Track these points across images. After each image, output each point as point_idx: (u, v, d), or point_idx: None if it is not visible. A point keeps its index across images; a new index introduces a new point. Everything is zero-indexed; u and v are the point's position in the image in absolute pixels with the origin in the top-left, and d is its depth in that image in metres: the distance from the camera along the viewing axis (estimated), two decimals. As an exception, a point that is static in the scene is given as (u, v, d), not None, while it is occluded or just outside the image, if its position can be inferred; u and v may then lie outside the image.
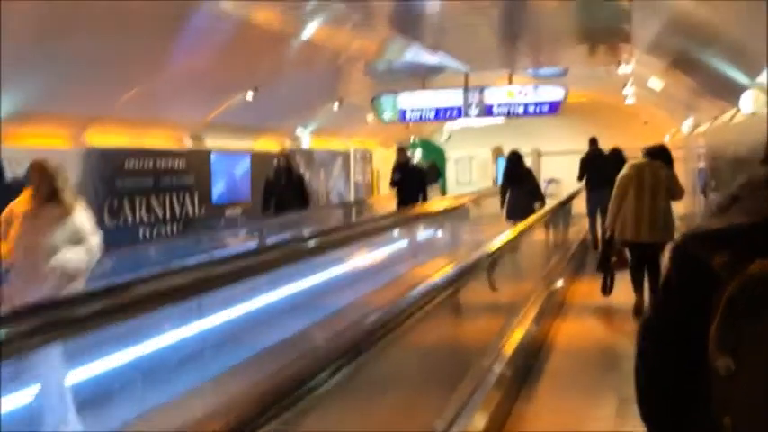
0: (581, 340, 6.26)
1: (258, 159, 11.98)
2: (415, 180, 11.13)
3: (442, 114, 12.12)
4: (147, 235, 9.15)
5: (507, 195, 10.10)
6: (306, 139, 13.39)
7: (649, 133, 16.73)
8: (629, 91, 11.52)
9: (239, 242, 9.82)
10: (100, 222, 8.51)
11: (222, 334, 5.51)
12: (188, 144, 10.26)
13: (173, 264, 5.99)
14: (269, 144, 12.58)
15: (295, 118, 12.67)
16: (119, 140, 8.92)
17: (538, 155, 22.13)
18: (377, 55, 11.04)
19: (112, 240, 8.45)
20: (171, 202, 9.76)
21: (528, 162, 11.35)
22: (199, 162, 10.44)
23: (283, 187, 9.44)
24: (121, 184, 8.91)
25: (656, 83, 9.09)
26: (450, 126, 23.21)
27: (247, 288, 5.69)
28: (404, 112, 12.29)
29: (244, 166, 11.66)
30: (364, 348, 2.27)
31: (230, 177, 11.35)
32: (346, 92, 12.61)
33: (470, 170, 26.02)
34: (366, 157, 16.67)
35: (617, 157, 10.14)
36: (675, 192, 6.76)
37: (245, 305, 6.31)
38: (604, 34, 8.08)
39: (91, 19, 6.58)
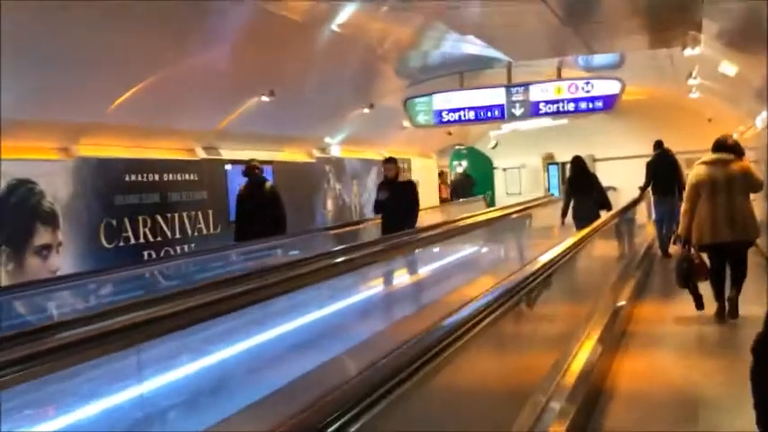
0: (649, 383, 5.02)
1: (282, 170, 11.03)
2: (404, 200, 8.44)
3: (483, 115, 10.95)
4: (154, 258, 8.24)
5: (571, 203, 9.86)
6: (335, 148, 12.39)
7: (714, 132, 15.13)
8: (694, 82, 10.13)
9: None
10: (95, 244, 7.83)
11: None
12: (201, 154, 9.36)
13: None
14: (294, 155, 11.63)
15: (322, 125, 11.70)
16: (115, 152, 8.05)
17: (592, 161, 20.63)
18: (411, 46, 9.97)
19: (111, 264, 7.62)
20: (181, 221, 8.84)
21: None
22: (213, 174, 9.52)
23: (253, 208, 7.78)
24: (121, 201, 8.03)
25: (728, 67, 7.75)
26: (496, 132, 22.05)
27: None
28: (440, 114, 11.17)
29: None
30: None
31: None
32: (378, 94, 11.57)
33: (520, 179, 24.73)
34: (404, 168, 15.56)
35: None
36: (753, 184, 6.33)
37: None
38: (671, 21, 6.85)
39: (81, 8, 5.68)
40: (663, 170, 10.42)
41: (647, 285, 8.69)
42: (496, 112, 10.86)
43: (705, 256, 6.56)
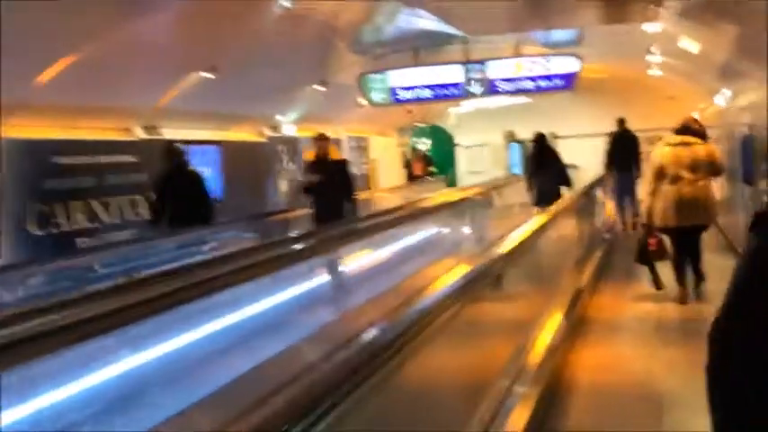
0: (611, 375, 4.78)
1: (231, 151, 10.55)
2: (339, 183, 7.50)
3: (440, 93, 10.58)
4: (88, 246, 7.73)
5: (534, 181, 9.92)
6: (288, 127, 11.92)
7: (675, 110, 15.06)
8: (654, 59, 9.90)
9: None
10: (22, 232, 7.32)
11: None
12: (139, 134, 8.82)
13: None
14: (244, 134, 11.14)
15: (273, 103, 11.21)
16: (45, 133, 7.50)
17: (554, 138, 20.45)
18: (365, 21, 9.55)
19: (41, 253, 7.12)
20: (119, 206, 8.33)
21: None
22: (153, 156, 8.98)
23: (178, 193, 6.70)
24: (53, 185, 7.50)
25: (689, 43, 7.49)
26: (456, 110, 21.72)
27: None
28: (395, 92, 10.77)
29: (212, 159, 10.20)
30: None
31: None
32: (331, 71, 11.11)
33: (482, 158, 24.52)
34: (362, 146, 15.16)
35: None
36: (716, 168, 6.38)
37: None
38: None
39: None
40: (624, 146, 10.78)
41: (608, 264, 8.50)
42: (454, 90, 10.51)
43: (666, 238, 6.58)
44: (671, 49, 9.21)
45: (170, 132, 9.30)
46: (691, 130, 6.42)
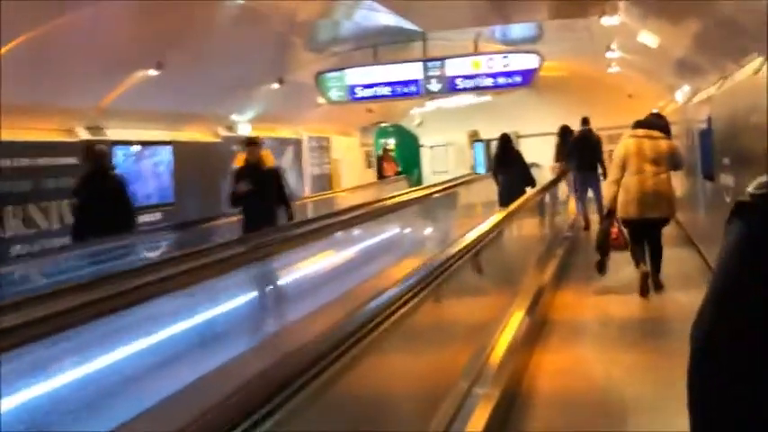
0: (572, 380, 4.57)
1: (183, 151, 10.17)
2: (271, 193, 6.88)
3: (399, 91, 10.35)
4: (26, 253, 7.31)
5: (499, 180, 10.07)
6: (244, 126, 11.57)
7: (635, 107, 15.06)
8: (614, 55, 9.80)
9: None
10: None
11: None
12: (82, 135, 8.41)
13: None
14: (197, 134, 10.77)
15: (228, 101, 10.86)
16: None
17: (517, 137, 20.44)
18: (322, 17, 9.27)
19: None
20: (59, 210, 7.90)
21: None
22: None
23: (96, 200, 5.98)
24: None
25: (648, 38, 7.36)
26: (420, 110, 21.55)
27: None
28: (353, 90, 10.51)
29: (163, 160, 9.82)
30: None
31: (144, 175, 9.51)
32: (288, 68, 10.81)
33: (447, 157, 24.39)
34: (323, 146, 14.87)
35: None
36: (678, 162, 6.56)
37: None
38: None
39: None
40: (587, 146, 10.77)
41: (570, 263, 8.35)
42: (412, 88, 10.28)
43: (623, 230, 6.66)
44: (630, 45, 9.10)
45: (116, 133, 8.91)
46: (655, 124, 6.54)
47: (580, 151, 10.59)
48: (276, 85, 10.73)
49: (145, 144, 9.38)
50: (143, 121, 9.38)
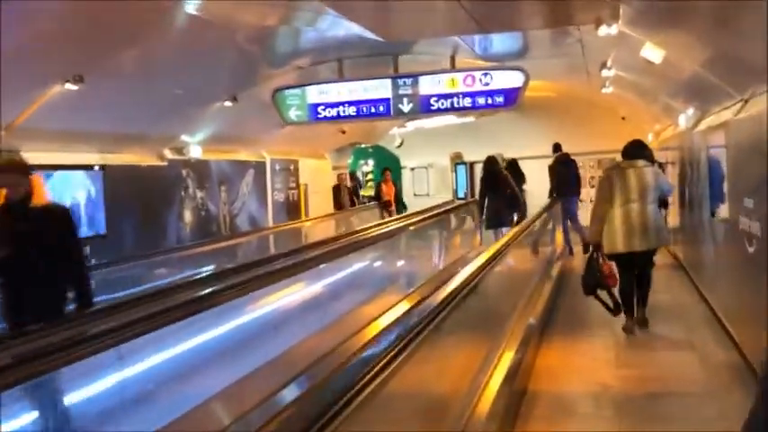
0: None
1: (120, 177, 8.92)
2: (48, 250, 4.06)
3: (366, 111, 9.16)
4: None
5: (486, 204, 10.03)
6: (195, 149, 10.34)
7: (629, 130, 14.03)
8: (609, 73, 8.68)
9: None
10: None
11: None
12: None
13: None
14: (137, 157, 9.52)
15: (175, 121, 9.62)
16: None
17: (502, 160, 19.36)
18: (280, 29, 8.11)
19: None
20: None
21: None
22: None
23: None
24: None
25: (652, 52, 6.22)
26: (399, 130, 20.44)
27: None
28: (315, 109, 9.32)
29: (91, 186, 8.55)
30: None
31: (68, 205, 8.21)
32: (242, 85, 9.59)
33: (428, 180, 23.28)
34: (289, 170, 13.63)
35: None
36: (666, 191, 6.56)
37: None
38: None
39: None
40: (565, 171, 10.96)
41: (557, 307, 7.21)
42: (381, 108, 9.11)
43: (613, 264, 6.34)
44: (629, 62, 7.98)
45: (32, 156, 7.63)
46: (637, 152, 6.41)
47: (560, 177, 10.63)
48: (229, 103, 9.50)
49: (67, 168, 8.11)
50: (70, 142, 8.12)
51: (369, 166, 24.48)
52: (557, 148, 11.70)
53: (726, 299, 6.54)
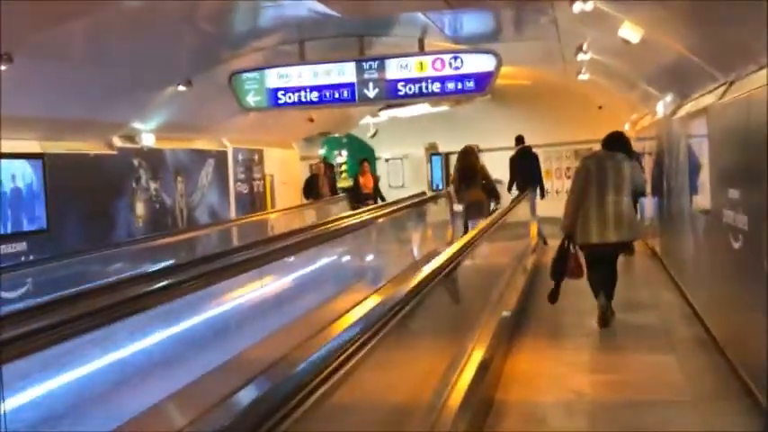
0: None
1: (62, 166, 8.29)
2: None
3: (329, 96, 8.61)
4: None
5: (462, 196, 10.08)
6: (148, 136, 9.72)
7: (605, 120, 13.65)
8: (585, 57, 8.20)
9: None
10: None
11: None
12: None
13: None
14: (82, 145, 8.89)
15: (124, 106, 8.99)
16: None
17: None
18: (235, 8, 7.52)
19: None
20: None
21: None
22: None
23: None
24: None
25: (630, 32, 5.74)
26: (372, 119, 19.91)
27: None
28: (275, 94, 8.74)
29: (26, 177, 7.92)
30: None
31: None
32: (196, 68, 8.98)
33: (403, 171, 22.80)
34: (254, 160, 13.03)
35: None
36: (638, 184, 6.52)
37: None
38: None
39: None
40: (526, 164, 11.08)
41: (528, 308, 6.74)
42: (345, 93, 8.55)
43: (582, 255, 6.35)
44: (605, 44, 7.52)
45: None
46: (615, 144, 6.38)
47: (521, 170, 10.73)
48: (182, 88, 8.89)
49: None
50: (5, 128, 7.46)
51: (342, 156, 23.91)
52: (519, 140, 11.86)
53: (707, 297, 6.12)
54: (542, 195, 11.28)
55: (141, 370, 4.42)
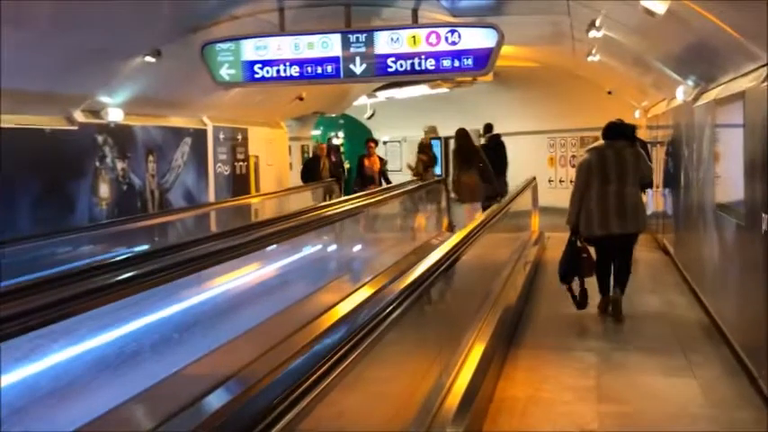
0: None
1: (12, 143, 7.44)
2: None
3: (312, 71, 7.73)
4: None
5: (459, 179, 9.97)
6: (115, 111, 8.87)
7: (615, 106, 12.80)
8: (598, 35, 7.30)
9: None
10: None
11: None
12: None
13: None
14: (41, 119, 8.04)
15: (88, 78, 8.13)
16: None
17: (478, 136, 18.05)
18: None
19: None
20: None
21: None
22: None
23: None
24: None
25: (656, 2, 4.88)
26: (369, 100, 19.06)
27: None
28: (251, 68, 7.86)
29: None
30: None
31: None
32: (168, 36, 8.11)
33: (401, 155, 21.98)
34: (237, 139, 12.17)
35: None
36: (644, 173, 6.31)
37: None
38: None
39: None
40: (495, 153, 10.84)
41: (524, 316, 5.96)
42: (329, 68, 7.68)
43: (592, 249, 6.26)
44: (621, 18, 6.65)
45: None
46: (617, 133, 6.24)
47: (492, 159, 10.46)
48: (150, 59, 8.02)
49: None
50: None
51: (338, 138, 23.08)
52: (488, 128, 11.90)
53: (734, 312, 5.30)
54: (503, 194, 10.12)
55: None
